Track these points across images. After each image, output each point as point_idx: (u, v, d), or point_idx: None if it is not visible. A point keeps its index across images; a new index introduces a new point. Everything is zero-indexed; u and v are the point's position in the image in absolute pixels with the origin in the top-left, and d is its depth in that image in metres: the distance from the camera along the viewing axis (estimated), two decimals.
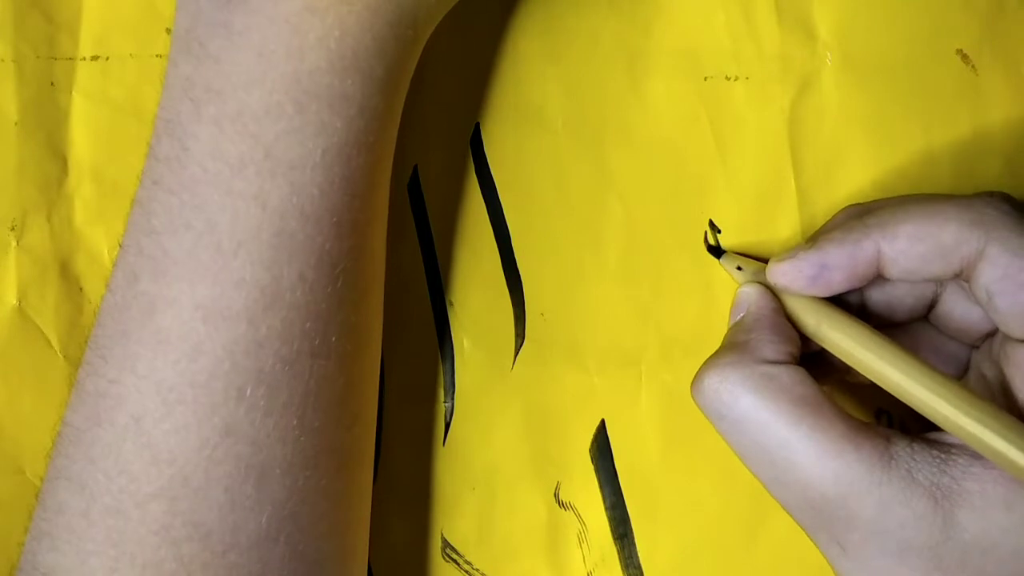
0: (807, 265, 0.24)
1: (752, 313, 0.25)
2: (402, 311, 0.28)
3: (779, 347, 0.24)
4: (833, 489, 0.22)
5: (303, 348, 0.22)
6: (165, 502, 0.21)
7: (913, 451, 0.22)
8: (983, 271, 0.22)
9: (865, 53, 0.28)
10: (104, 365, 0.22)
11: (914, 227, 0.23)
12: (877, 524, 0.22)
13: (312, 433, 0.22)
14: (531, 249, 0.29)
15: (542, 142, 0.29)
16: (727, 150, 0.28)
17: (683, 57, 0.28)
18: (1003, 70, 0.28)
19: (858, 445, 0.22)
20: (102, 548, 0.21)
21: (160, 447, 0.21)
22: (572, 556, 0.28)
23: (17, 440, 0.27)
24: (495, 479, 0.29)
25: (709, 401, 0.23)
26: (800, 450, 0.22)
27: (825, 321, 0.24)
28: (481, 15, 0.28)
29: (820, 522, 0.23)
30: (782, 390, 0.23)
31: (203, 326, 0.21)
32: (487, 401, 0.29)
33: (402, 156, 0.28)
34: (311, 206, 0.21)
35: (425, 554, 0.29)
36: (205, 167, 0.21)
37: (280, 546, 0.22)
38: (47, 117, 0.28)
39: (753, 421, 0.23)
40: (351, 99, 0.22)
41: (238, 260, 0.21)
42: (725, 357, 0.24)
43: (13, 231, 0.27)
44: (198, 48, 0.21)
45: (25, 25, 0.27)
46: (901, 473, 0.22)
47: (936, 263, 0.23)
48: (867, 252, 0.23)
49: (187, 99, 0.21)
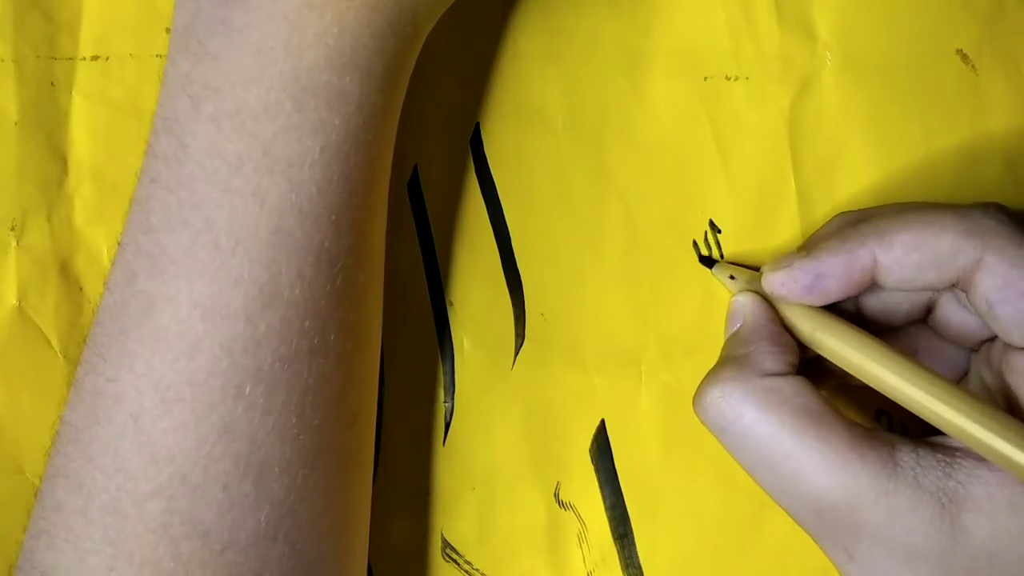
0: (802, 274, 0.24)
1: (749, 323, 0.25)
2: (402, 311, 0.28)
3: (779, 358, 0.24)
4: (840, 499, 0.22)
5: (302, 346, 0.22)
6: (163, 500, 0.21)
7: (918, 457, 0.22)
8: (981, 281, 0.22)
9: (865, 53, 0.28)
10: (102, 363, 0.22)
11: (910, 236, 0.23)
12: (884, 531, 0.22)
13: (311, 431, 0.22)
14: (531, 249, 0.29)
15: (542, 142, 0.29)
16: (727, 150, 0.28)
17: (683, 57, 0.28)
18: (1003, 70, 0.28)
19: (863, 454, 0.22)
20: (100, 546, 0.21)
21: (158, 445, 0.21)
22: (572, 556, 0.28)
23: (17, 440, 0.27)
24: (495, 479, 0.29)
25: (712, 417, 0.23)
26: (805, 462, 0.22)
27: (820, 328, 0.24)
28: (481, 14, 0.28)
29: (827, 530, 0.23)
30: (785, 402, 0.23)
31: (201, 324, 0.21)
32: (487, 401, 0.29)
33: (402, 156, 0.28)
34: (309, 204, 0.21)
35: (425, 554, 0.29)
36: (203, 165, 0.21)
37: (279, 544, 0.22)
38: (47, 117, 0.28)
39: (757, 435, 0.23)
40: (349, 96, 0.22)
41: (236, 258, 0.21)
42: (726, 372, 0.24)
43: (13, 231, 0.27)
44: (196, 46, 0.21)
45: (25, 25, 0.27)
46: (907, 480, 0.22)
47: (932, 272, 0.23)
48: (863, 261, 0.23)
49: (185, 96, 0.21)
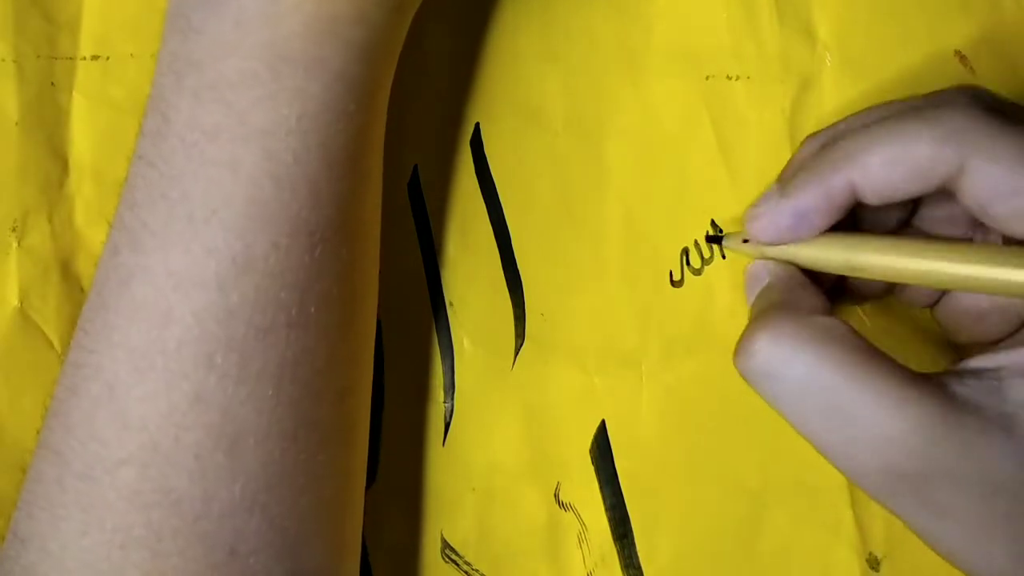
0: (782, 216, 0.23)
1: (777, 276, 0.24)
2: (402, 311, 0.28)
3: (818, 301, 0.23)
4: (912, 443, 0.20)
5: (278, 318, 0.22)
6: (135, 468, 0.21)
7: (970, 386, 0.21)
8: (969, 184, 0.21)
9: (865, 54, 0.28)
10: (85, 337, 0.22)
11: (884, 154, 0.22)
12: (963, 470, 0.20)
13: (290, 405, 0.22)
14: (531, 249, 0.29)
15: (542, 142, 0.29)
16: (728, 150, 0.28)
17: (684, 57, 0.29)
18: (1001, 72, 0.28)
19: (922, 390, 0.20)
20: (72, 512, 0.21)
21: (131, 414, 0.21)
22: (572, 557, 0.28)
23: (19, 440, 0.27)
24: (495, 479, 0.28)
25: (762, 364, 0.21)
26: (869, 404, 0.20)
27: (851, 248, 0.23)
28: (481, 15, 0.28)
29: (903, 485, 0.21)
30: (841, 340, 0.21)
31: (174, 293, 0.21)
32: (487, 401, 0.29)
33: (402, 156, 0.28)
34: (285, 172, 0.21)
35: (425, 555, 0.29)
36: (183, 138, 0.21)
37: (255, 518, 0.22)
38: (47, 117, 0.28)
39: (815, 378, 0.21)
40: (328, 64, 0.21)
41: (210, 228, 0.21)
42: (771, 317, 0.22)
43: (14, 232, 0.27)
44: (183, 23, 0.22)
45: (25, 25, 0.27)
46: (970, 411, 0.20)
47: (915, 184, 0.22)
48: (840, 188, 0.23)
49: (171, 73, 0.22)
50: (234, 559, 0.21)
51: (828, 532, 0.28)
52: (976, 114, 0.21)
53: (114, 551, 0.21)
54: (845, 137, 0.23)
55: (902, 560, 0.28)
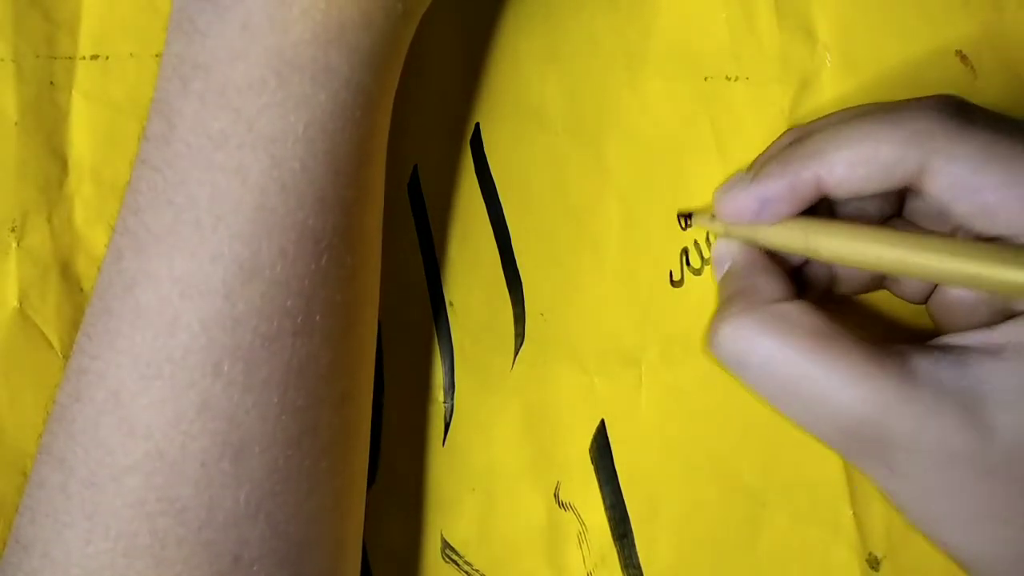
0: (749, 199, 0.24)
1: (739, 260, 0.25)
2: (402, 311, 0.28)
3: (778, 284, 0.24)
4: (867, 413, 0.22)
5: (284, 325, 0.22)
6: (140, 476, 0.21)
7: (933, 360, 0.22)
8: (931, 184, 0.22)
9: (864, 54, 0.28)
10: (88, 343, 0.22)
11: (849, 153, 0.23)
12: (917, 440, 0.21)
13: (294, 412, 0.22)
14: (531, 249, 0.29)
15: (542, 142, 0.29)
16: (727, 150, 0.28)
17: (683, 57, 0.29)
18: (1002, 72, 0.28)
19: (881, 365, 0.22)
20: (77, 520, 0.21)
21: (136, 421, 0.21)
22: (572, 556, 0.28)
23: (19, 442, 0.27)
24: (495, 479, 0.29)
25: (728, 352, 0.23)
26: (827, 382, 0.22)
27: (811, 231, 0.24)
28: (481, 15, 0.28)
29: (861, 447, 0.22)
30: (797, 325, 0.23)
31: (180, 301, 0.21)
32: (487, 401, 0.29)
33: (402, 156, 0.28)
34: (292, 180, 0.21)
35: (425, 555, 0.29)
36: (188, 143, 0.21)
37: (260, 525, 0.22)
38: (47, 117, 0.28)
39: (776, 362, 0.23)
40: (336, 72, 0.21)
41: (217, 235, 0.21)
42: (731, 307, 0.24)
43: (14, 232, 0.27)
44: (188, 25, 0.21)
45: (25, 25, 0.27)
46: (928, 384, 0.21)
47: (879, 182, 0.23)
48: (806, 181, 0.24)
49: (176, 77, 0.21)
50: (238, 566, 0.22)
51: (828, 531, 0.28)
52: (940, 117, 0.22)
53: (118, 559, 0.21)
54: (817, 133, 0.24)
55: (902, 560, 0.28)
